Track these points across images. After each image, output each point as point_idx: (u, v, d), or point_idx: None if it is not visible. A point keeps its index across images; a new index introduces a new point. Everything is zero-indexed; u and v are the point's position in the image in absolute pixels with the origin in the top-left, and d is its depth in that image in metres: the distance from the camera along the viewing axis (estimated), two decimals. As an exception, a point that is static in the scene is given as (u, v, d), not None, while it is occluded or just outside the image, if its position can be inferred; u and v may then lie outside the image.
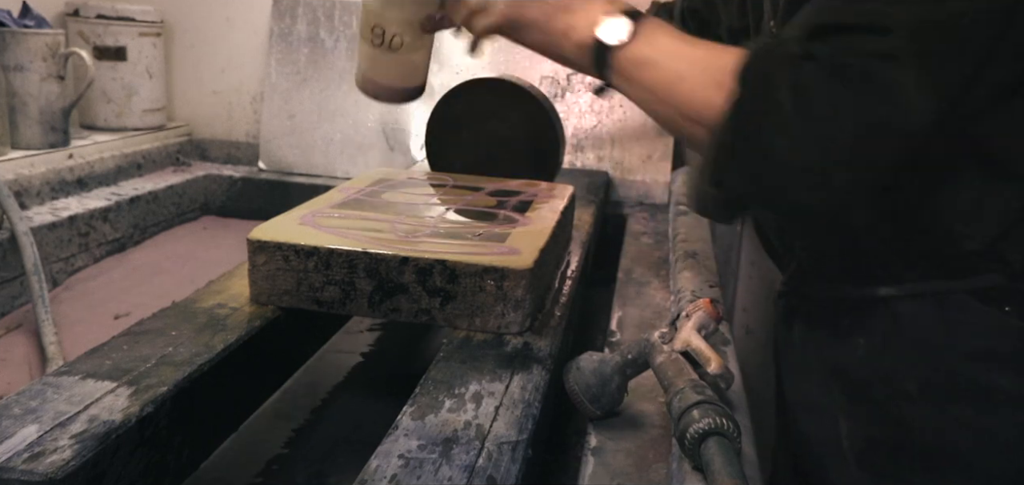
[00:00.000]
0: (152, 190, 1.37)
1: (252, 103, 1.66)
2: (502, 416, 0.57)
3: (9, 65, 1.30)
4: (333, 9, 1.55)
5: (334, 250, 0.70)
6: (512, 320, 0.70)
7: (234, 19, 1.63)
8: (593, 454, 0.56)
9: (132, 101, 1.52)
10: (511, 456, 0.52)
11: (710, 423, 0.50)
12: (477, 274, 0.69)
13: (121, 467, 0.51)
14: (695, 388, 0.53)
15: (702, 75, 0.64)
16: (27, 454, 0.47)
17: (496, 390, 0.60)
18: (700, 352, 0.58)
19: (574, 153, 1.49)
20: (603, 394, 0.60)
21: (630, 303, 0.88)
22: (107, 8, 1.48)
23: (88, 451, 0.48)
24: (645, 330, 0.79)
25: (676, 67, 0.67)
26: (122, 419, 0.52)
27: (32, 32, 1.33)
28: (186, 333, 0.65)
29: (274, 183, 1.52)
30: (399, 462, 0.50)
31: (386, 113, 1.54)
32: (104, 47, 1.48)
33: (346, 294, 0.71)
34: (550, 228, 0.80)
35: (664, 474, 0.54)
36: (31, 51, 1.32)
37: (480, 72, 1.51)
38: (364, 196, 0.89)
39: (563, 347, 0.73)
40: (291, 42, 1.57)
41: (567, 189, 0.97)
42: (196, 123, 1.68)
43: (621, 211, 1.38)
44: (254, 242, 0.72)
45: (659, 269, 1.01)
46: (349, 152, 1.56)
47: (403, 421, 0.55)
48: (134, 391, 0.55)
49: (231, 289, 0.75)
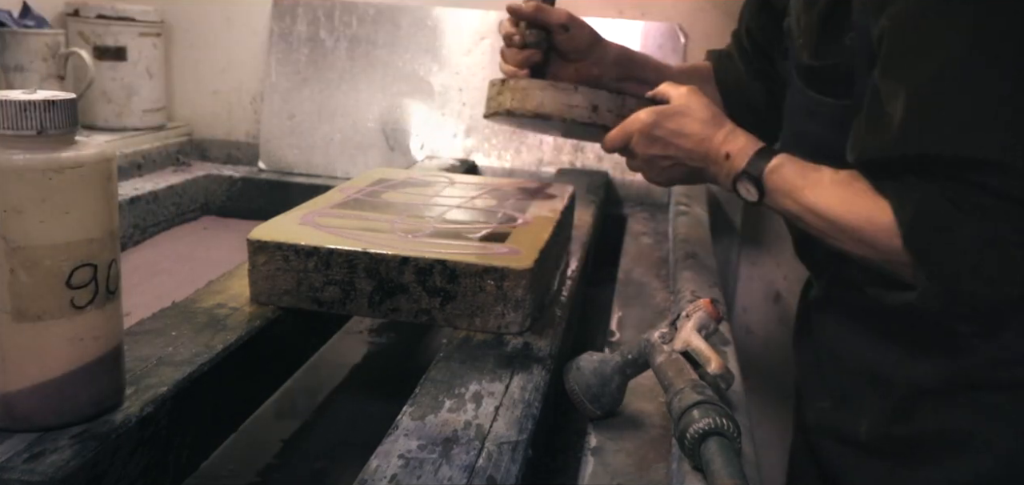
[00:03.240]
0: (152, 190, 1.37)
1: (252, 103, 1.66)
2: (502, 416, 0.56)
3: (9, 65, 1.30)
4: (333, 9, 1.55)
5: (334, 250, 0.70)
6: (512, 320, 0.70)
7: (234, 19, 1.63)
8: (593, 454, 0.56)
9: (132, 101, 1.52)
10: (511, 456, 0.52)
11: (710, 423, 0.50)
12: (477, 274, 0.69)
13: (121, 467, 0.51)
14: (695, 388, 0.53)
15: (865, 226, 0.72)
16: (27, 454, 0.47)
17: (496, 390, 0.60)
18: (700, 352, 0.58)
19: (574, 153, 1.49)
20: (603, 394, 0.60)
21: (630, 303, 0.88)
22: (107, 8, 1.48)
23: (88, 451, 0.48)
24: (645, 330, 0.79)
25: (815, 223, 0.77)
26: (122, 419, 0.51)
27: (32, 32, 1.33)
28: (186, 333, 0.65)
29: (274, 183, 1.52)
30: (399, 462, 0.50)
31: (386, 113, 1.54)
32: (104, 47, 1.48)
33: (346, 294, 0.71)
34: (550, 228, 0.80)
35: (664, 474, 0.54)
36: (31, 51, 1.32)
37: (480, 71, 1.51)
38: (364, 196, 0.89)
39: (563, 347, 0.73)
40: (291, 42, 1.57)
41: (567, 189, 0.97)
42: (196, 123, 1.68)
43: (621, 211, 1.38)
44: (254, 242, 0.72)
45: (659, 269, 1.01)
46: (349, 152, 1.56)
47: (403, 421, 0.55)
48: (134, 391, 0.55)
49: (231, 289, 0.75)
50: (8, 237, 0.46)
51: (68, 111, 0.48)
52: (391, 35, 1.53)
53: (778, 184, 0.79)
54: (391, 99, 1.54)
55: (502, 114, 0.93)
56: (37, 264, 0.47)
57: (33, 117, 0.46)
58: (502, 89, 0.93)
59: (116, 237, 0.51)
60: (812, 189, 0.76)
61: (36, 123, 0.47)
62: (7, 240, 0.46)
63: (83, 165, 0.48)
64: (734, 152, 0.82)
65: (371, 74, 1.55)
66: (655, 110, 0.87)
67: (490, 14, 1.50)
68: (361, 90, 1.55)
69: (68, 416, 0.50)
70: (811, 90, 0.83)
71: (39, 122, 0.47)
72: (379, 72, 1.54)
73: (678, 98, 0.87)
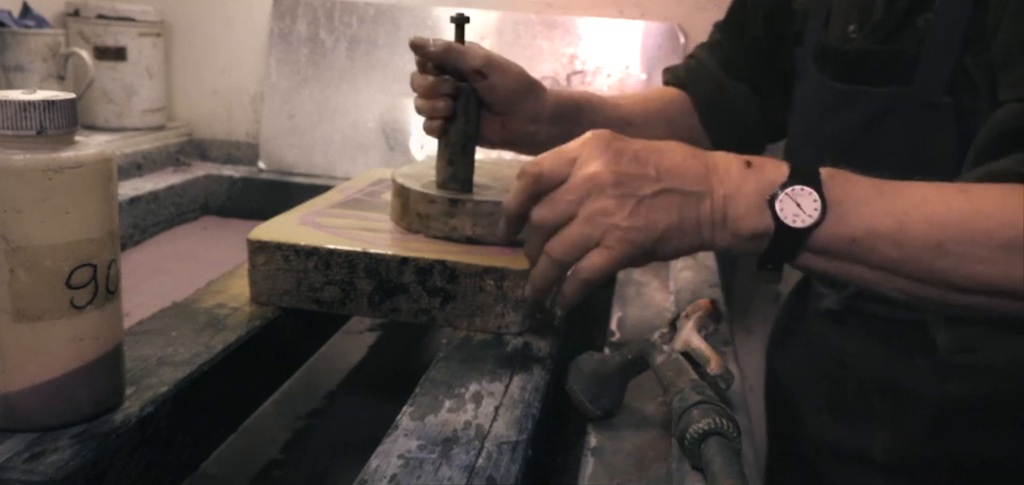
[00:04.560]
0: (152, 190, 1.37)
1: (252, 103, 1.66)
2: (502, 416, 0.57)
3: (9, 65, 1.30)
4: (333, 9, 1.55)
5: (334, 250, 0.70)
6: (512, 320, 0.70)
7: (234, 19, 1.63)
8: (593, 454, 0.56)
9: (132, 101, 1.52)
10: (511, 456, 0.52)
11: (710, 423, 0.50)
12: (477, 274, 0.69)
13: (121, 467, 0.51)
14: (695, 388, 0.53)
15: (971, 241, 0.50)
16: (27, 454, 0.47)
17: (496, 390, 0.60)
18: (700, 352, 0.58)
19: (574, 153, 1.49)
20: (603, 394, 0.60)
21: (630, 303, 0.88)
22: (107, 8, 1.48)
23: (88, 451, 0.48)
24: (645, 330, 0.79)
25: (922, 234, 0.51)
26: (122, 419, 0.52)
27: (32, 32, 1.33)
28: (186, 333, 0.65)
29: (274, 183, 1.52)
30: (399, 462, 0.50)
31: (386, 113, 1.54)
32: (104, 47, 1.48)
33: (346, 294, 0.71)
34: (550, 228, 0.80)
35: (664, 474, 0.54)
36: (31, 51, 1.32)
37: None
38: (364, 196, 0.89)
39: (563, 347, 0.73)
40: (291, 42, 1.57)
41: (567, 189, 0.97)
42: (196, 123, 1.68)
43: (621, 211, 1.38)
44: (254, 242, 0.72)
45: (659, 269, 1.01)
46: (349, 152, 1.56)
47: (403, 421, 0.55)
48: (134, 391, 0.55)
49: (231, 289, 0.75)
50: (8, 237, 0.46)
51: (68, 111, 0.48)
52: (391, 35, 1.53)
53: (851, 191, 0.53)
54: (391, 99, 1.54)
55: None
56: (37, 264, 0.47)
57: (33, 117, 0.46)
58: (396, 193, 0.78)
59: (116, 237, 0.51)
60: (913, 188, 0.53)
61: (36, 123, 0.47)
62: (7, 240, 0.46)
63: (83, 165, 0.48)
64: (757, 161, 0.55)
65: (371, 74, 1.55)
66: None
67: (490, 14, 1.50)
68: (361, 90, 1.55)
69: (68, 416, 0.50)
70: (845, 79, 0.70)
71: (39, 122, 0.47)
72: (379, 72, 1.54)
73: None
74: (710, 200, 0.54)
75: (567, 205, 0.55)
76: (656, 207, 0.53)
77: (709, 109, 0.90)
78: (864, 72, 0.69)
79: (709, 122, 0.89)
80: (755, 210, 0.53)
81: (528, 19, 1.50)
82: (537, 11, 1.52)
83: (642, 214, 0.53)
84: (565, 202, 0.55)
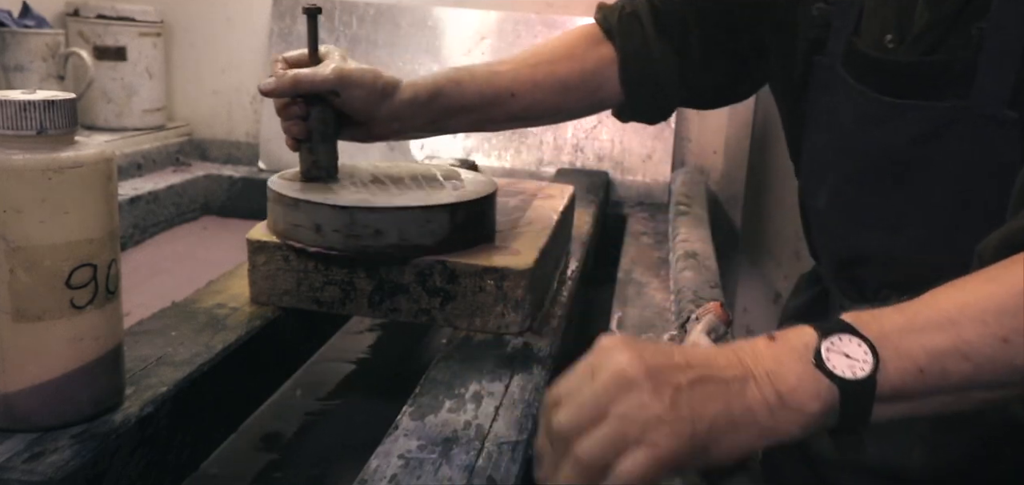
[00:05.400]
0: (152, 190, 1.37)
1: (252, 103, 1.66)
2: (502, 416, 0.57)
3: (9, 65, 1.30)
4: (333, 9, 1.55)
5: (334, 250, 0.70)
6: (512, 320, 0.70)
7: (234, 19, 1.63)
8: (593, 454, 0.56)
9: (132, 101, 1.52)
10: (511, 456, 0.52)
11: (710, 423, 0.50)
12: (477, 274, 0.69)
13: (121, 467, 0.51)
14: (695, 388, 0.53)
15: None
16: (27, 454, 0.47)
17: (496, 390, 0.60)
18: (702, 353, 0.58)
19: (574, 153, 1.49)
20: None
21: (630, 303, 0.88)
22: (107, 8, 1.48)
23: (87, 451, 0.48)
24: (645, 330, 0.79)
25: (982, 336, 0.45)
26: (122, 419, 0.52)
27: (32, 32, 1.33)
28: (186, 333, 0.65)
29: (274, 183, 1.52)
30: (399, 462, 0.50)
31: (386, 113, 1.54)
32: (104, 47, 1.48)
33: (346, 294, 0.71)
34: (550, 228, 0.80)
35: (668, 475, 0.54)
36: (31, 51, 1.32)
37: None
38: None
39: (563, 347, 0.73)
40: (291, 42, 1.56)
41: (567, 189, 0.97)
42: (196, 123, 1.68)
43: (621, 211, 1.38)
44: (254, 242, 0.72)
45: (659, 269, 1.01)
46: (349, 152, 1.56)
47: (403, 421, 0.55)
48: (134, 391, 0.55)
49: (231, 289, 0.75)
50: (8, 237, 0.46)
51: (68, 111, 0.48)
52: (391, 35, 1.53)
53: (884, 322, 0.47)
54: (391, 99, 1.54)
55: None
56: (37, 264, 0.47)
57: (33, 117, 0.46)
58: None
59: (116, 237, 0.51)
60: (941, 297, 0.47)
61: (36, 123, 0.47)
62: (7, 240, 0.46)
63: (83, 165, 0.48)
64: (779, 334, 0.48)
65: (371, 74, 1.54)
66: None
67: (490, 14, 1.50)
68: (361, 90, 1.55)
69: (68, 416, 0.50)
70: (892, 92, 0.65)
71: (39, 122, 0.47)
72: (379, 72, 1.54)
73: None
74: (754, 382, 0.46)
75: (595, 406, 0.45)
76: (697, 396, 0.45)
77: (631, 65, 0.84)
78: (915, 85, 0.64)
79: (628, 79, 0.83)
80: (807, 378, 0.46)
81: (528, 19, 1.50)
82: (537, 11, 1.52)
83: (684, 404, 0.44)
84: (592, 403, 0.45)
